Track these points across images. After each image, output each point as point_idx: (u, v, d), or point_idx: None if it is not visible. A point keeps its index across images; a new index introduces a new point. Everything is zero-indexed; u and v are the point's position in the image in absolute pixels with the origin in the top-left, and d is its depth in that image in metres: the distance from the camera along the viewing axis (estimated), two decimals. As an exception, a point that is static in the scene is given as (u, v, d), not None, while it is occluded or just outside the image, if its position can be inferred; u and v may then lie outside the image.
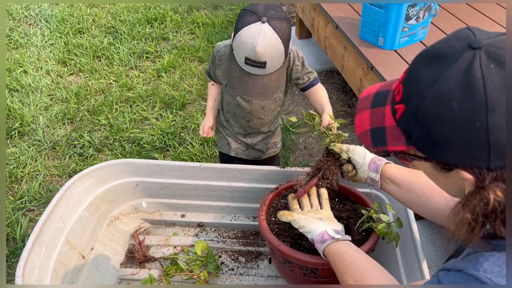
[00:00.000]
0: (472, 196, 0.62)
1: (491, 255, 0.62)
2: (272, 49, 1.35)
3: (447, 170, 0.65)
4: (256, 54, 1.33)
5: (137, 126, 2.92)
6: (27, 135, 2.85)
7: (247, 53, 1.35)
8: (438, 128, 0.61)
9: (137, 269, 1.57)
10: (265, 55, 1.34)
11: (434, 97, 0.60)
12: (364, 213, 1.25)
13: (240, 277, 1.54)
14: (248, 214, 1.74)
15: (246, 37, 1.34)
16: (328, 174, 1.26)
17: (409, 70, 0.68)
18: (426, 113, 0.62)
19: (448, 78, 0.59)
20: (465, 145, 0.59)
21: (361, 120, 0.79)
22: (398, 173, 1.16)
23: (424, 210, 1.09)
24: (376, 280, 0.90)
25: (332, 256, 1.04)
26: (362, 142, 0.78)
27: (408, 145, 0.68)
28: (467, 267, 0.63)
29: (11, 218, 2.21)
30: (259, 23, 1.33)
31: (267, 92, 1.45)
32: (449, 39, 0.63)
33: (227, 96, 1.73)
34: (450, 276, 0.66)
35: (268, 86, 1.44)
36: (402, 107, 0.67)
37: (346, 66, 2.64)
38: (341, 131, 1.33)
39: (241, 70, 1.42)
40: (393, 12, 2.13)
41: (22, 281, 1.20)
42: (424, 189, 1.08)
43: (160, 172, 1.65)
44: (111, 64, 3.62)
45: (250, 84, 1.43)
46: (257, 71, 1.40)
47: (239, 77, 1.43)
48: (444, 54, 0.61)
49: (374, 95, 0.78)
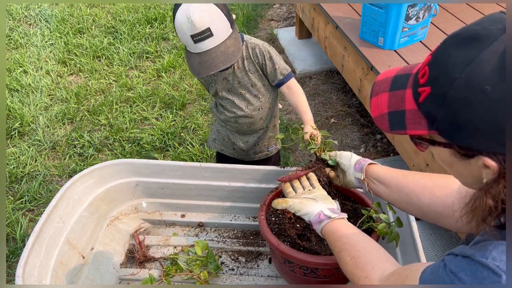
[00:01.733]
0: (495, 183, 0.61)
1: (500, 243, 0.61)
2: (207, 12, 1.34)
3: (468, 156, 0.63)
4: (194, 24, 1.32)
5: (137, 126, 2.92)
6: (27, 135, 2.85)
7: (188, 31, 1.34)
8: (466, 112, 0.59)
9: (137, 269, 1.57)
10: (203, 21, 1.33)
11: (465, 80, 0.58)
12: (364, 213, 1.25)
13: (240, 277, 1.54)
14: (248, 214, 1.74)
15: (179, 18, 1.34)
16: (318, 173, 1.30)
17: (437, 52, 0.65)
18: (455, 96, 0.60)
19: (483, 61, 0.57)
20: (492, 130, 0.57)
21: (377, 103, 0.76)
22: (386, 174, 1.16)
23: (413, 208, 1.09)
24: (373, 258, 0.90)
25: (329, 235, 1.04)
26: (378, 125, 0.75)
27: (430, 129, 0.66)
28: (475, 254, 0.62)
29: (11, 218, 2.21)
30: (183, 3, 1.35)
31: (229, 58, 1.42)
32: (482, 21, 0.61)
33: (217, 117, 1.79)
34: (457, 261, 0.65)
35: (228, 52, 1.41)
36: (427, 89, 0.64)
37: (346, 66, 2.64)
38: (331, 139, 1.39)
39: (198, 55, 1.40)
40: (393, 12, 2.13)
41: (22, 281, 1.20)
42: (413, 187, 1.08)
43: (160, 172, 1.65)
44: (111, 64, 3.62)
45: (210, 60, 1.40)
46: (208, 42, 1.37)
47: (200, 62, 1.41)
48: (478, 36, 0.59)
49: (393, 78, 0.76)
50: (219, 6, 1.37)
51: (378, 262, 0.88)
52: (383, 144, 2.68)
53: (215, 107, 1.84)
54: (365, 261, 0.89)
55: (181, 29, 1.36)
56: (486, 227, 0.64)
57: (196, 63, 1.41)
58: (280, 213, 1.38)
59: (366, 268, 0.88)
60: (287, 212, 1.34)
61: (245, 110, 1.72)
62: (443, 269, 0.66)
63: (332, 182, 1.32)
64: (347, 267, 0.93)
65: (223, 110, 1.76)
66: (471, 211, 0.65)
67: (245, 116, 1.73)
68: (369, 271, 0.87)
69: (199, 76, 1.51)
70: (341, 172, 1.30)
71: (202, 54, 1.40)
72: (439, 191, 1.03)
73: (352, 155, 1.26)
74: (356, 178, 1.22)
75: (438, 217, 1.03)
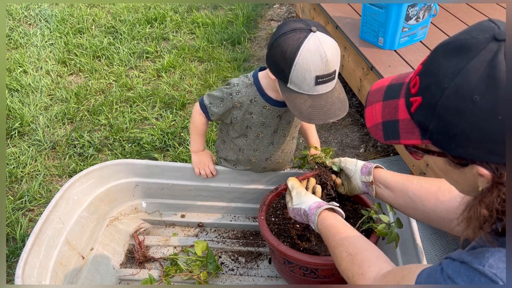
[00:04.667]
0: (489, 192, 0.61)
1: (497, 250, 0.61)
2: (337, 54, 1.16)
3: (462, 165, 0.63)
4: (328, 64, 1.13)
5: (137, 126, 2.92)
6: (27, 135, 2.84)
7: (317, 71, 1.12)
8: (457, 122, 0.59)
9: (137, 270, 1.57)
10: (333, 62, 1.15)
11: (455, 89, 0.58)
12: (364, 213, 1.25)
13: (240, 278, 1.54)
14: (248, 214, 1.74)
15: (309, 55, 1.11)
16: (325, 177, 1.33)
17: (427, 62, 0.65)
18: (445, 106, 0.59)
19: (471, 70, 0.57)
20: (484, 139, 0.57)
21: (372, 113, 0.76)
22: (392, 178, 1.17)
23: (418, 213, 1.10)
24: (371, 256, 0.90)
25: (325, 230, 1.05)
26: (373, 135, 0.75)
27: (422, 139, 0.66)
28: (472, 261, 0.62)
29: (11, 218, 2.21)
30: (312, 35, 1.12)
31: (344, 105, 1.21)
32: (471, 30, 0.61)
33: (241, 143, 1.51)
34: (454, 266, 0.65)
35: (340, 98, 1.21)
36: (418, 99, 0.65)
37: (346, 66, 2.63)
38: (329, 148, 1.43)
39: (310, 98, 1.17)
40: (393, 12, 2.13)
41: (21, 281, 1.20)
42: (418, 192, 1.08)
43: (160, 173, 1.65)
44: (111, 64, 3.61)
45: (328, 106, 1.18)
46: (329, 86, 1.18)
47: (313, 106, 1.17)
48: (466, 46, 0.59)
49: (387, 87, 0.76)
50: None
51: (375, 260, 0.88)
52: (383, 144, 2.68)
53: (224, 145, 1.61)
54: (363, 258, 0.89)
55: (307, 67, 1.12)
56: (482, 235, 0.64)
57: (306, 106, 1.17)
58: (280, 213, 1.38)
59: (363, 265, 0.88)
60: (286, 213, 1.34)
61: (279, 154, 1.54)
62: (440, 273, 0.66)
63: (336, 189, 1.34)
64: (342, 262, 0.93)
65: (248, 152, 1.52)
66: (466, 219, 0.65)
67: (277, 162, 1.57)
68: (365, 268, 0.87)
69: (309, 122, 1.24)
70: (345, 179, 1.32)
71: (316, 97, 1.17)
72: (443, 196, 1.03)
73: (358, 161, 1.28)
74: (362, 182, 1.23)
75: (442, 222, 1.03)
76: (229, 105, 1.40)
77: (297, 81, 1.15)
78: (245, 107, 1.38)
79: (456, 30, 0.65)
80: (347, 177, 1.29)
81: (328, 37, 1.15)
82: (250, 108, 1.38)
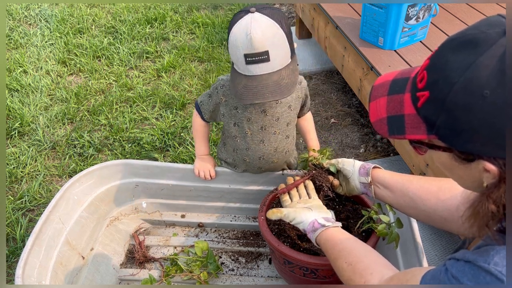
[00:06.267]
0: (496, 188, 0.60)
1: (502, 248, 0.61)
2: (270, 34, 1.15)
3: (468, 161, 0.63)
4: (253, 42, 1.14)
5: (137, 126, 2.92)
6: (27, 135, 2.84)
7: (244, 48, 1.16)
8: (466, 117, 0.58)
9: (137, 270, 1.57)
10: (263, 42, 1.14)
11: (464, 84, 0.58)
12: (364, 213, 1.25)
13: (240, 278, 1.54)
14: (248, 214, 1.74)
15: (237, 32, 1.16)
16: (320, 179, 1.31)
17: (435, 56, 0.65)
18: (454, 101, 0.59)
19: (481, 65, 0.56)
20: (493, 135, 0.57)
21: (376, 107, 0.75)
22: (391, 178, 1.16)
23: (419, 213, 1.09)
24: (371, 263, 0.89)
25: (324, 243, 1.04)
26: (377, 130, 0.74)
27: (429, 134, 0.65)
28: (477, 260, 0.62)
29: (11, 218, 2.21)
30: (249, 15, 1.16)
31: (282, 90, 1.20)
32: (479, 25, 0.60)
33: (234, 142, 1.51)
34: (459, 266, 0.64)
35: (281, 84, 1.20)
36: (426, 94, 0.64)
37: (346, 66, 2.63)
38: (326, 148, 1.42)
39: (245, 78, 1.21)
40: (393, 12, 2.13)
41: (21, 281, 1.20)
42: (418, 192, 1.08)
43: (160, 174, 1.65)
44: (111, 64, 3.61)
45: (259, 87, 1.19)
46: (262, 67, 1.18)
47: (246, 86, 1.21)
48: (476, 40, 0.58)
49: (391, 82, 0.75)
50: (284, 30, 1.19)
51: (376, 267, 0.88)
52: (383, 144, 2.68)
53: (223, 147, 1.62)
54: (363, 267, 0.89)
55: (235, 44, 1.17)
56: (489, 232, 0.63)
57: (241, 86, 1.21)
58: (280, 213, 1.38)
59: (365, 273, 0.87)
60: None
61: (272, 153, 1.51)
62: (444, 274, 0.66)
63: (334, 190, 1.33)
64: (344, 274, 0.92)
65: (241, 151, 1.52)
66: (473, 215, 0.65)
67: (272, 162, 1.54)
68: (367, 276, 0.86)
69: (241, 102, 1.27)
70: (343, 179, 1.30)
71: (250, 78, 1.20)
72: (444, 195, 1.03)
73: (355, 161, 1.26)
74: (361, 183, 1.22)
75: (444, 222, 1.03)
76: (216, 100, 1.44)
77: (234, 59, 1.23)
78: (230, 102, 1.42)
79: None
80: (345, 178, 1.29)
81: (265, 17, 1.17)
82: (235, 103, 1.41)
